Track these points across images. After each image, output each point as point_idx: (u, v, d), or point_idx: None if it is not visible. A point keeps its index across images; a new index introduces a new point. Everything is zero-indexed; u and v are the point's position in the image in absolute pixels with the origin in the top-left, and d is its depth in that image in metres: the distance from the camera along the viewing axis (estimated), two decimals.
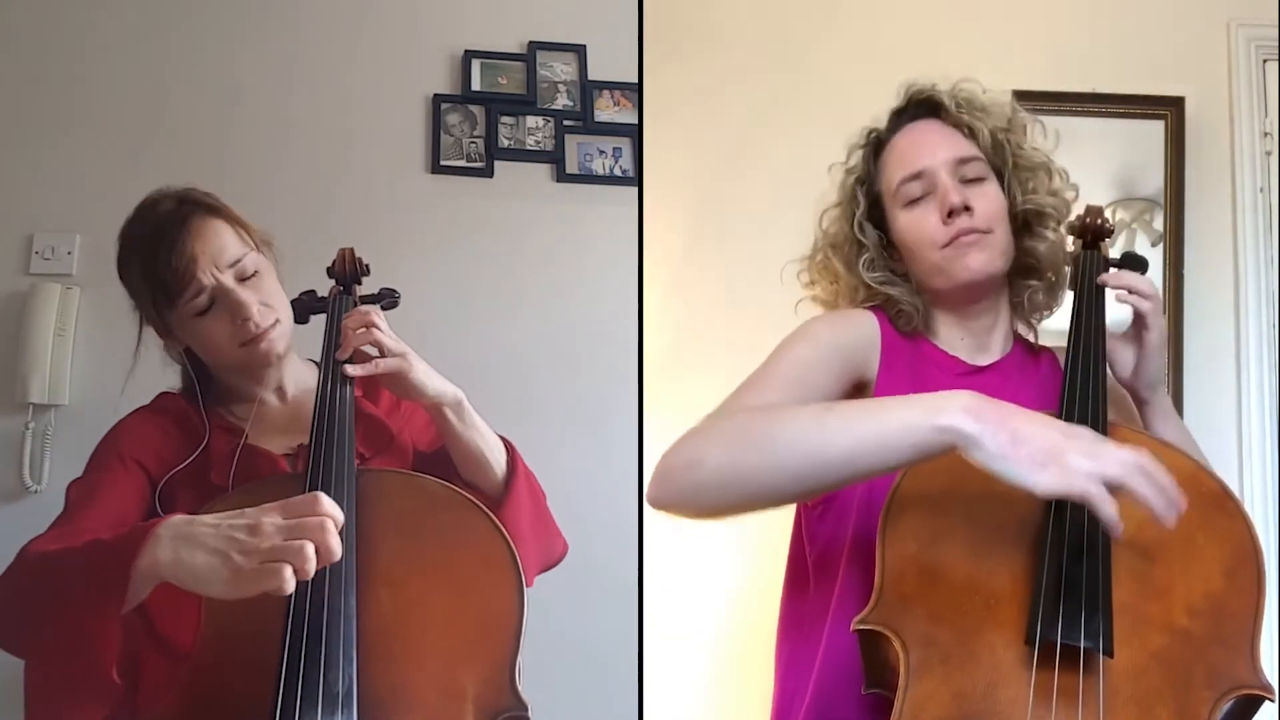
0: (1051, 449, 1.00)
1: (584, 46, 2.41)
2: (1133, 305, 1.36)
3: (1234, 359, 2.25)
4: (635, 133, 2.33)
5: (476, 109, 2.35)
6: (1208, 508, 1.16)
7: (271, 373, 1.52)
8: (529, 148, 2.35)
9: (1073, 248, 1.47)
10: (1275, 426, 2.19)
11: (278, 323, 1.47)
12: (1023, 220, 1.42)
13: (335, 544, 1.05)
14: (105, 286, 2.12)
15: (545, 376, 2.24)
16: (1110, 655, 1.05)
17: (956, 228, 1.35)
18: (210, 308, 1.43)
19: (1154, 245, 2.27)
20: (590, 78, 2.40)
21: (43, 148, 2.19)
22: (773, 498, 1.15)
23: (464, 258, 2.28)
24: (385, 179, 2.29)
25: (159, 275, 1.41)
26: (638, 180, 2.29)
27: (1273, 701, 1.08)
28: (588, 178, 2.36)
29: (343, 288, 1.57)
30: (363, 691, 1.11)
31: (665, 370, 2.13)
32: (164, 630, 1.25)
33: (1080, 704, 1.02)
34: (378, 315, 1.43)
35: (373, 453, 1.49)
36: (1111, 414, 1.31)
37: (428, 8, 2.39)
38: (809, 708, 1.28)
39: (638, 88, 2.28)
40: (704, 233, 2.29)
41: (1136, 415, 1.39)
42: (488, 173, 2.32)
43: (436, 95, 2.34)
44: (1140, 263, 1.44)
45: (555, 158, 2.35)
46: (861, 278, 1.42)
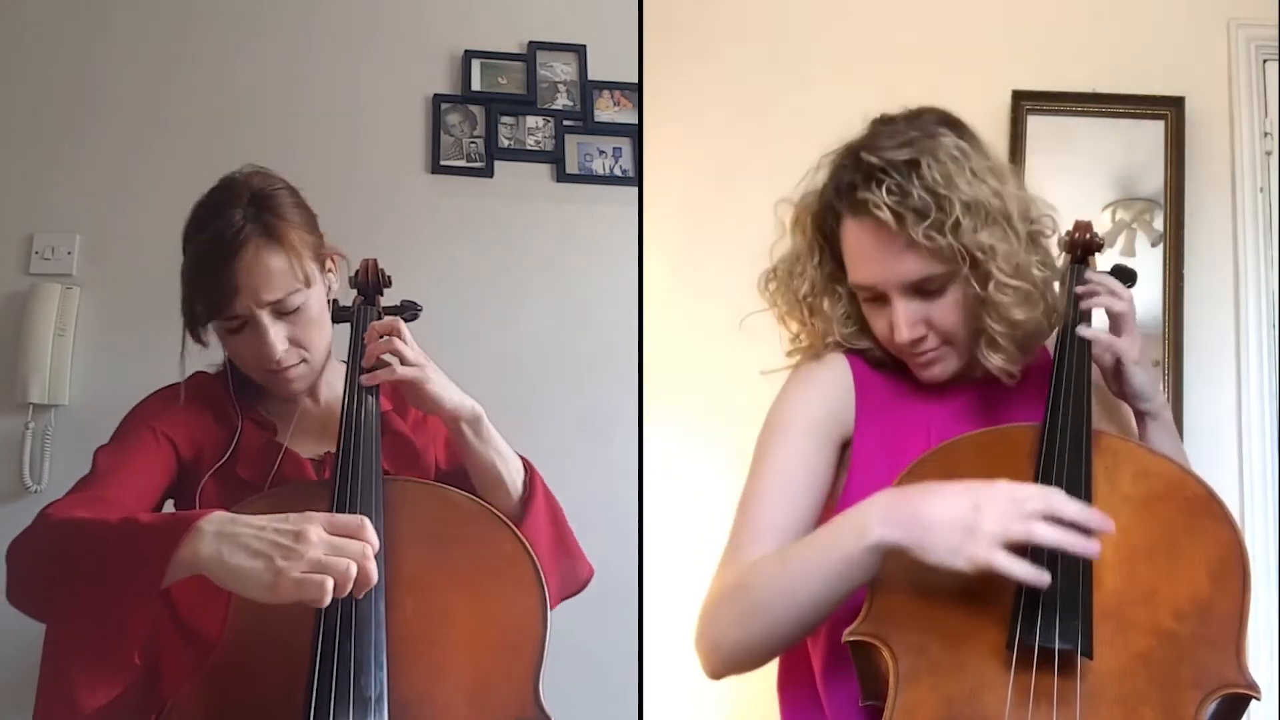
0: (962, 527, 1.06)
1: (584, 46, 2.41)
2: (1105, 306, 1.34)
3: (1234, 359, 2.25)
4: (635, 133, 2.33)
5: (476, 109, 2.35)
6: (1193, 512, 1.17)
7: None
8: (529, 148, 2.35)
9: (1062, 263, 1.43)
10: (1275, 426, 2.18)
11: (304, 363, 1.47)
12: (981, 277, 1.27)
13: (374, 570, 1.07)
14: (105, 286, 2.17)
15: (545, 376, 2.24)
16: (1089, 657, 1.06)
17: (912, 354, 1.33)
18: (241, 330, 1.43)
19: (1154, 245, 2.26)
20: (590, 78, 2.40)
21: (43, 148, 2.20)
22: (790, 643, 1.23)
23: (464, 258, 2.28)
24: (385, 179, 2.29)
25: (205, 289, 1.41)
26: (638, 180, 2.29)
27: (1259, 700, 1.08)
28: (588, 178, 2.36)
29: (365, 298, 1.57)
30: (391, 697, 1.13)
31: (665, 370, 2.13)
32: (189, 618, 1.26)
33: (1055, 705, 1.03)
34: (400, 326, 1.43)
35: (396, 469, 1.49)
36: (1103, 422, 1.32)
37: (428, 8, 2.39)
38: None
39: (638, 88, 2.28)
40: (704, 233, 2.29)
41: (1132, 421, 1.39)
42: (488, 173, 2.33)
43: (436, 95, 2.34)
44: (1129, 275, 1.44)
45: (555, 158, 2.35)
46: (837, 331, 1.37)
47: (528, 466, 1.51)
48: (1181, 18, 2.30)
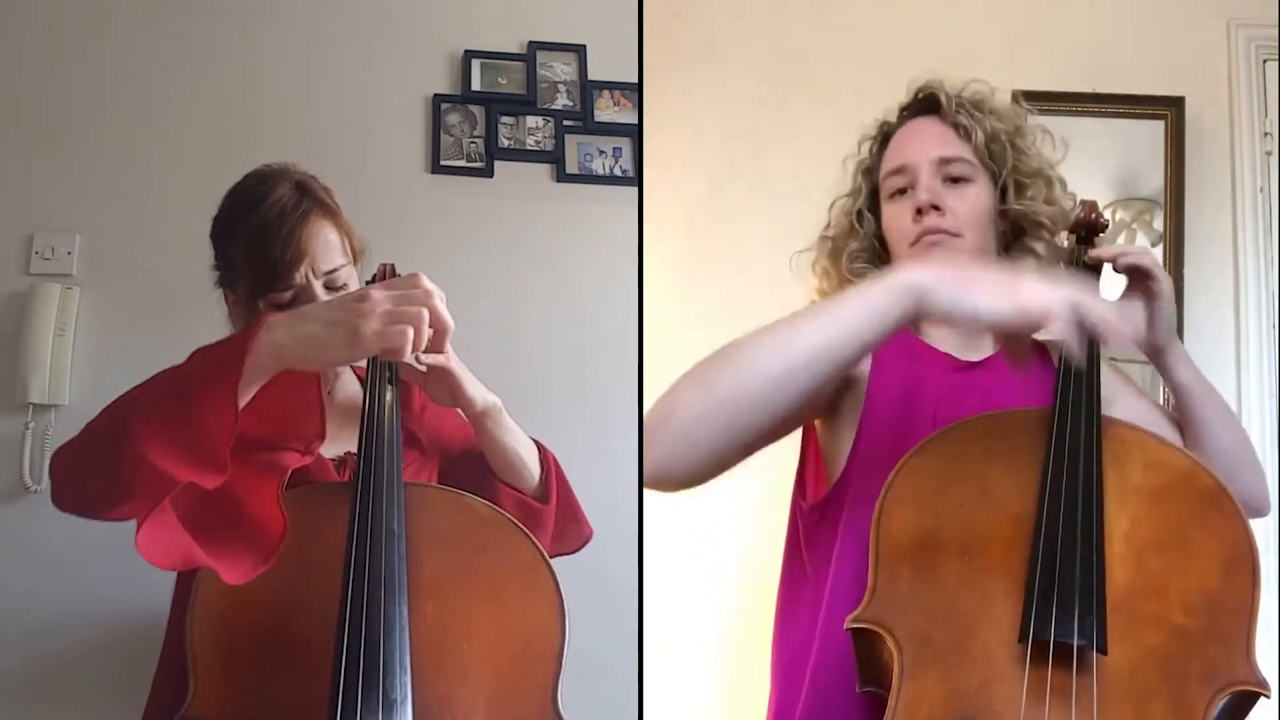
0: (1006, 280, 1.04)
1: (584, 46, 2.41)
2: (1131, 265, 1.34)
3: (1234, 359, 2.25)
4: (635, 133, 2.33)
5: (476, 109, 2.35)
6: (1204, 505, 1.16)
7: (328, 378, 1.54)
8: (529, 148, 2.35)
9: (1067, 243, 1.47)
10: (1275, 426, 2.18)
11: None
12: (1015, 227, 1.41)
13: (446, 316, 1.07)
14: (105, 286, 2.16)
15: (545, 376, 2.24)
16: (1104, 653, 1.05)
17: (924, 226, 1.36)
18: (291, 304, 1.42)
19: (1154, 245, 2.27)
20: (590, 78, 2.39)
21: (43, 148, 2.19)
22: (755, 416, 1.06)
23: (464, 258, 2.27)
24: (385, 179, 2.29)
25: (263, 264, 1.42)
26: (638, 180, 2.29)
27: (1269, 698, 1.08)
28: (588, 178, 2.35)
29: None
30: (414, 700, 1.13)
31: (666, 370, 2.12)
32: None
33: (1074, 701, 1.02)
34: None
35: (404, 464, 1.48)
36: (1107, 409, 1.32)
37: (428, 8, 2.38)
38: (805, 707, 1.28)
39: (638, 88, 2.28)
40: (704, 233, 2.29)
41: (1132, 401, 1.40)
42: (488, 173, 2.32)
43: (436, 95, 2.34)
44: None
45: (555, 158, 2.35)
46: (842, 270, 1.43)
47: (539, 446, 1.56)
48: (1181, 18, 2.30)
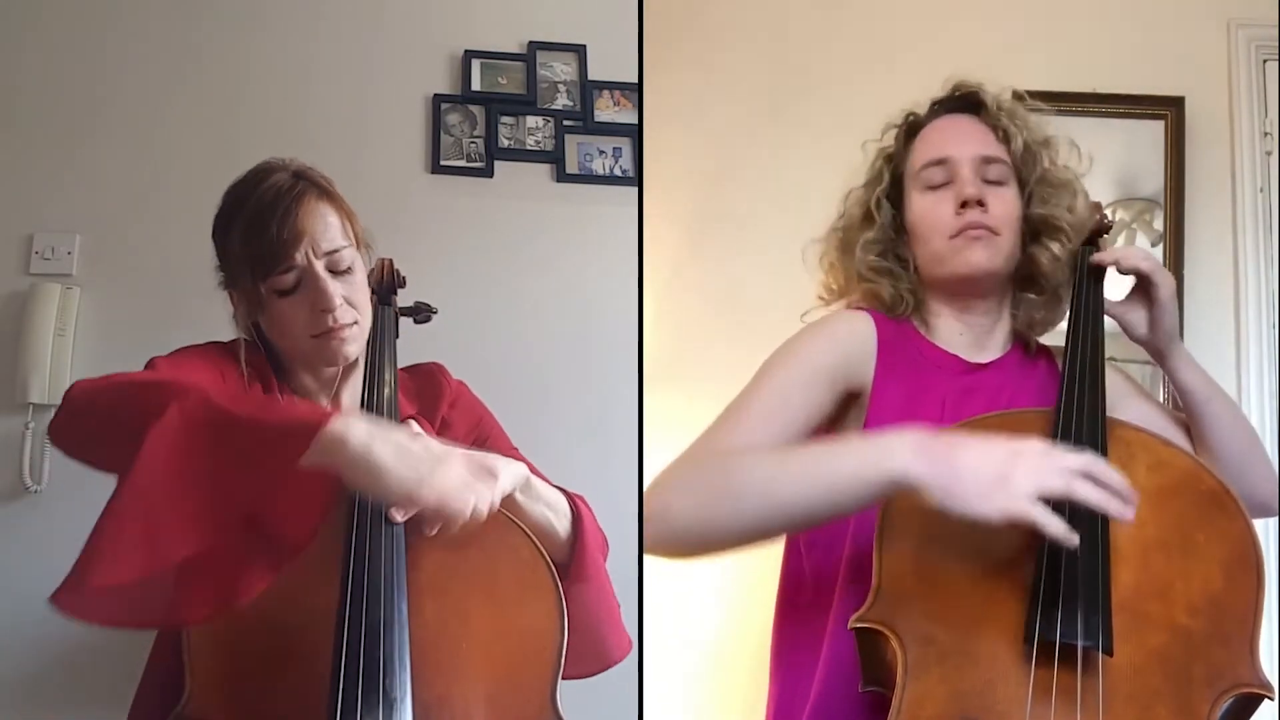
0: (995, 475, 1.02)
1: (584, 46, 2.41)
2: (1133, 269, 1.36)
3: (1234, 359, 2.25)
4: (635, 133, 2.33)
5: (476, 109, 2.35)
6: (1207, 506, 1.17)
7: (334, 374, 1.48)
8: (529, 148, 2.35)
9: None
10: (1275, 426, 2.18)
11: (356, 324, 1.43)
12: (1034, 230, 1.41)
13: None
14: (105, 286, 2.16)
15: (545, 376, 2.24)
16: (1109, 654, 1.05)
17: (967, 220, 1.36)
18: (294, 289, 1.40)
19: (1154, 245, 2.27)
20: (590, 78, 2.39)
21: (43, 148, 2.19)
22: (740, 542, 1.18)
23: (464, 258, 2.27)
24: (385, 179, 2.28)
25: (260, 244, 1.38)
26: (638, 180, 2.29)
27: (1273, 700, 1.08)
28: (588, 178, 2.35)
29: (380, 298, 1.55)
30: (413, 700, 1.13)
31: (665, 370, 2.13)
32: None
33: (1079, 702, 1.03)
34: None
35: None
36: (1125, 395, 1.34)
37: (428, 8, 2.38)
38: (812, 709, 1.28)
39: (638, 88, 2.28)
40: (704, 233, 2.29)
41: (1137, 403, 1.40)
42: (488, 173, 2.32)
43: (436, 95, 2.34)
44: None
45: (555, 158, 2.35)
46: (854, 262, 1.42)
47: (573, 503, 1.42)
48: (1181, 18, 2.31)
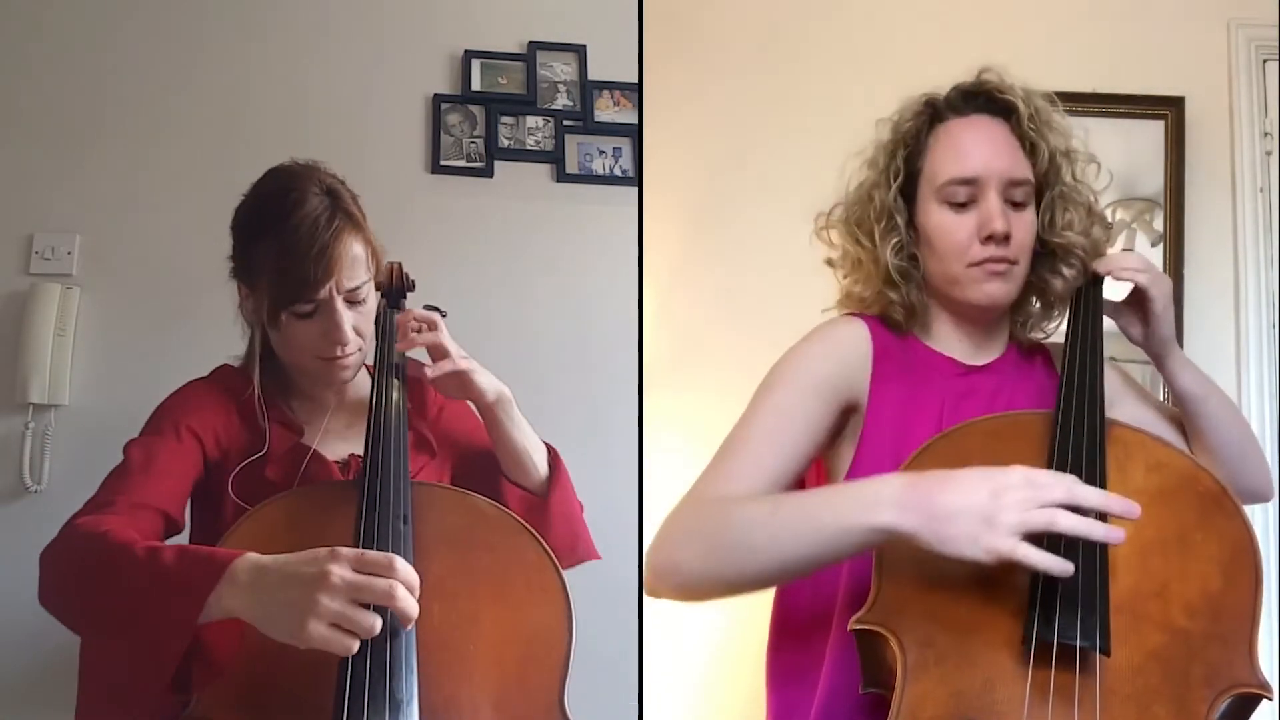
0: (980, 518, 1.02)
1: (584, 46, 2.41)
2: (1129, 280, 1.36)
3: (1234, 359, 2.25)
4: (635, 133, 2.33)
5: (476, 109, 2.35)
6: (1205, 507, 1.17)
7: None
8: (529, 148, 2.35)
9: None
10: (1275, 426, 2.18)
11: (359, 351, 1.48)
12: (1048, 250, 1.38)
13: (409, 608, 1.09)
14: (105, 286, 2.16)
15: (545, 376, 2.24)
16: (1107, 654, 1.05)
17: (989, 253, 1.32)
18: (311, 315, 1.43)
19: (1154, 245, 2.27)
20: (590, 78, 2.39)
21: (43, 148, 2.19)
22: (753, 589, 1.21)
23: (464, 258, 2.27)
24: (385, 179, 2.28)
25: (290, 279, 1.41)
26: (638, 180, 2.29)
27: (1271, 700, 1.08)
28: (588, 178, 2.35)
29: (389, 302, 1.58)
30: (420, 701, 1.13)
31: (665, 370, 2.13)
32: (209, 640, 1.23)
33: (1077, 703, 1.03)
34: (437, 319, 1.48)
35: (416, 468, 1.49)
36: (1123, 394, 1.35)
37: (428, 8, 2.38)
38: (819, 709, 1.28)
39: (638, 88, 2.28)
40: (704, 233, 2.29)
41: (1134, 403, 1.41)
42: (488, 173, 2.32)
43: (436, 95, 2.34)
44: None
45: (555, 158, 2.35)
46: (884, 257, 1.37)
47: (550, 449, 1.58)
48: (1181, 18, 2.30)
